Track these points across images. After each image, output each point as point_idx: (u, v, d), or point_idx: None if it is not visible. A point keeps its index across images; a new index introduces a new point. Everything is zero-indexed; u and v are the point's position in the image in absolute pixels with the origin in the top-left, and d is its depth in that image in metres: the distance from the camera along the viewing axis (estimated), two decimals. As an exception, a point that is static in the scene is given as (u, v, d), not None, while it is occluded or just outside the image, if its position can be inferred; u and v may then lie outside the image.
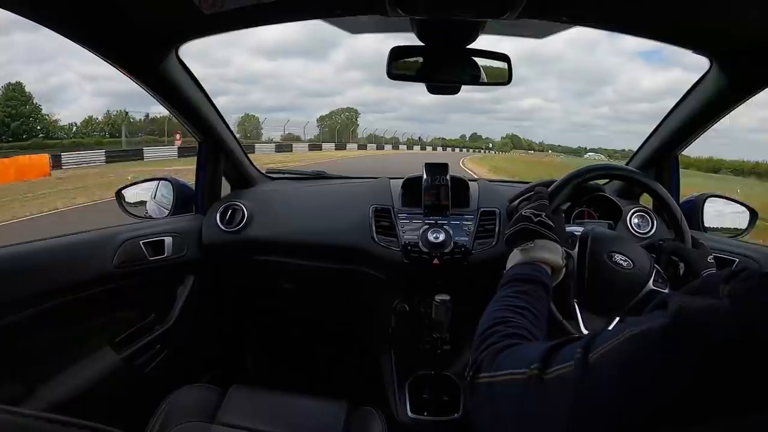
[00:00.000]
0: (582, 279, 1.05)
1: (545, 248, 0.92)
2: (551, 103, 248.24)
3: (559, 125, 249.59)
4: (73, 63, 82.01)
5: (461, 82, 1.31)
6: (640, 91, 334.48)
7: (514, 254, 0.94)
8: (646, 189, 1.19)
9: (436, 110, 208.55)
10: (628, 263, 1.04)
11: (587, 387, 0.49)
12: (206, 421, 1.17)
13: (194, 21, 1.12)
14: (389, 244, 1.56)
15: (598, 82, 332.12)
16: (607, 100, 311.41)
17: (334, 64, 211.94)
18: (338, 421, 1.22)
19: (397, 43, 1.24)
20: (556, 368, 0.53)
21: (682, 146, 1.58)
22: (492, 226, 1.57)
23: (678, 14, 1.05)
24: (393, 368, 1.70)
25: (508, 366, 0.60)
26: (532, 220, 0.95)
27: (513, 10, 1.00)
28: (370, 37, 46.99)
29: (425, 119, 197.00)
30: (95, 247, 1.33)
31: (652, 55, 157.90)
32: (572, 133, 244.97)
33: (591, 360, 0.49)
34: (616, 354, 0.48)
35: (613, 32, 1.21)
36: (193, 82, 1.43)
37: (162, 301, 1.60)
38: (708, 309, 0.43)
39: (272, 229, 1.69)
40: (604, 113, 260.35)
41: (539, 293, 0.82)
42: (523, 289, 0.82)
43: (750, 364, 0.39)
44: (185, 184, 1.77)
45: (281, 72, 44.57)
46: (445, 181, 1.61)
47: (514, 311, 0.75)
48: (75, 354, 1.30)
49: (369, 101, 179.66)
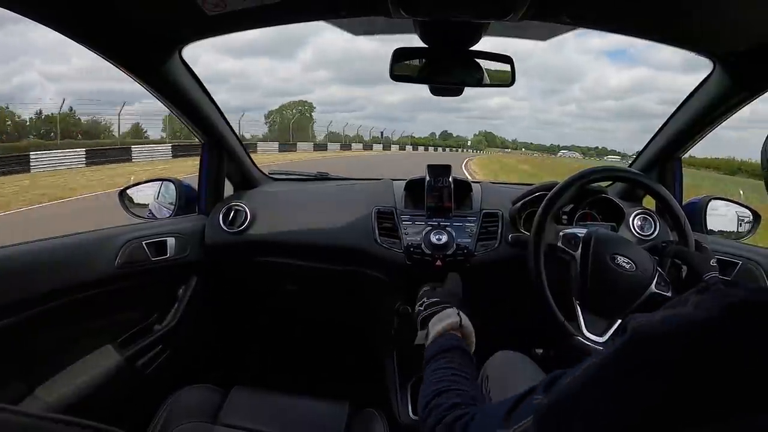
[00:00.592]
0: (584, 280, 1.05)
1: (439, 321, 1.00)
2: (519, 102, 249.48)
3: (527, 123, 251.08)
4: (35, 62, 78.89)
5: (464, 83, 1.31)
6: (607, 88, 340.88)
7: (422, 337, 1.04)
8: (648, 191, 1.19)
9: (404, 109, 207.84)
10: (631, 265, 1.04)
11: (551, 425, 0.50)
12: (208, 422, 1.17)
13: (198, 22, 1.12)
14: (392, 245, 1.56)
15: (565, 80, 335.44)
16: (575, 98, 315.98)
17: (302, 63, 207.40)
18: (340, 422, 1.22)
19: (399, 44, 1.24)
20: (519, 425, 0.54)
21: (685, 148, 1.57)
22: (494, 228, 1.57)
23: (680, 16, 1.05)
24: (395, 369, 1.70)
25: None
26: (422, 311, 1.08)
27: (516, 11, 1.00)
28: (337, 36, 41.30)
29: (394, 118, 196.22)
30: (98, 247, 1.33)
31: (618, 54, 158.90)
32: (540, 131, 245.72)
33: (553, 397, 0.50)
34: (577, 386, 0.49)
35: (610, 33, 1.21)
36: (196, 82, 1.43)
37: (164, 302, 1.60)
38: (665, 318, 0.45)
39: (275, 230, 1.69)
40: (571, 111, 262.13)
41: (463, 356, 0.88)
42: (446, 357, 0.87)
43: (711, 369, 0.40)
44: (188, 185, 1.78)
45: (248, 71, 44.03)
46: (447, 182, 1.61)
47: (449, 380, 0.79)
48: (77, 354, 1.30)
49: (337, 100, 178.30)
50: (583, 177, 1.10)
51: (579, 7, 1.05)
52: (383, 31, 1.38)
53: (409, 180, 1.72)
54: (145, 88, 1.32)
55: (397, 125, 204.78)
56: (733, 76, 1.24)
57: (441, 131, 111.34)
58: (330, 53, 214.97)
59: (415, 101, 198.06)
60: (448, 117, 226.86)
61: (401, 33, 1.30)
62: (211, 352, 1.88)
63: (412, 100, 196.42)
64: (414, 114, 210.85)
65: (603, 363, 0.47)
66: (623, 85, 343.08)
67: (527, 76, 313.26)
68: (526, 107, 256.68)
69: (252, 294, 2.00)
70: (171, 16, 1.13)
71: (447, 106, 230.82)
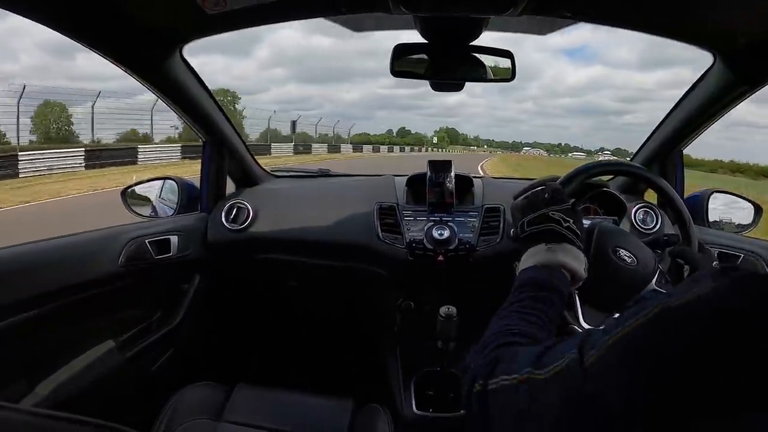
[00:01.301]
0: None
1: (571, 254, 0.84)
2: (477, 99, 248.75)
3: (484, 120, 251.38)
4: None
5: (465, 78, 1.31)
6: (564, 86, 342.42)
7: (537, 251, 0.86)
8: (650, 184, 1.19)
9: (362, 107, 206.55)
10: (633, 260, 1.04)
11: (583, 387, 0.49)
12: (212, 419, 1.18)
13: (198, 21, 1.12)
14: (394, 241, 1.56)
15: (524, 78, 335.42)
16: (532, 96, 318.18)
17: (258, 61, 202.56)
18: (344, 418, 1.23)
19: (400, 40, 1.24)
20: (547, 369, 0.53)
21: (686, 142, 1.57)
22: (496, 223, 1.58)
23: (680, 10, 1.05)
24: (398, 365, 1.71)
25: (501, 372, 0.60)
26: (561, 224, 0.86)
27: (516, 6, 1.00)
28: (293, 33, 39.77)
29: (352, 116, 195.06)
30: (101, 246, 1.33)
31: (575, 52, 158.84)
32: (497, 128, 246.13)
33: (587, 363, 0.49)
34: (614, 352, 0.48)
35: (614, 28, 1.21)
36: (197, 81, 1.43)
37: (168, 300, 1.61)
38: (693, 300, 0.44)
39: (277, 227, 1.70)
40: (527, 108, 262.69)
41: (554, 301, 0.77)
42: (538, 295, 0.77)
43: (741, 354, 0.40)
44: (190, 183, 1.78)
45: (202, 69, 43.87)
46: (449, 178, 1.61)
47: (522, 318, 0.72)
48: (81, 352, 1.30)
49: (294, 98, 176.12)
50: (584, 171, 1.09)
51: (579, 2, 1.05)
52: (383, 28, 1.38)
53: (410, 176, 1.73)
54: (146, 86, 1.32)
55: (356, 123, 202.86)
56: (733, 70, 1.23)
57: (399, 128, 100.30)
58: (287, 51, 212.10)
59: (372, 99, 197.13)
60: (403, 115, 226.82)
61: (402, 29, 1.30)
62: (214, 349, 1.89)
63: (369, 97, 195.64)
64: (371, 112, 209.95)
65: (636, 331, 0.47)
66: (580, 83, 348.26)
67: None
68: (483, 104, 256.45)
69: (255, 291, 2.00)
70: (171, 15, 1.13)
71: (404, 104, 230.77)
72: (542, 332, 0.70)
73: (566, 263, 0.83)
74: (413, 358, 1.69)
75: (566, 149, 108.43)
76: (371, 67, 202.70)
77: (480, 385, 0.61)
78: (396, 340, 1.74)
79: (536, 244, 0.87)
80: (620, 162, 1.36)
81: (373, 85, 51.69)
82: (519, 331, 0.68)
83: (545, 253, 0.84)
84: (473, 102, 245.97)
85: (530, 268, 0.83)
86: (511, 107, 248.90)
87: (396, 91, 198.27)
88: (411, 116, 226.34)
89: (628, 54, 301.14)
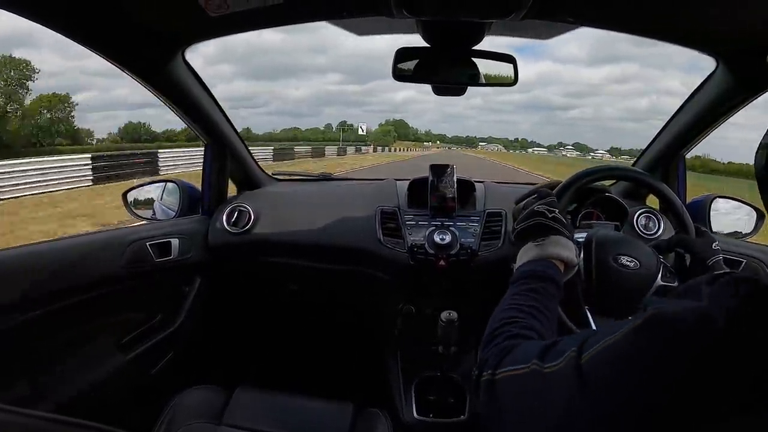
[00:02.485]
0: (590, 285, 1.05)
1: (559, 244, 0.88)
2: (425, 95, 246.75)
3: (432, 116, 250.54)
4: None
5: (466, 83, 1.31)
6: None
7: (527, 249, 0.90)
8: (651, 189, 1.19)
9: (310, 103, 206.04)
10: (635, 263, 1.04)
11: (580, 387, 0.51)
12: (213, 422, 1.17)
13: (201, 23, 1.13)
14: (395, 245, 1.56)
15: None
16: (480, 92, 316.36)
17: (203, 56, 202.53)
18: (344, 422, 1.22)
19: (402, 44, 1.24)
20: (551, 364, 0.55)
21: (689, 147, 1.57)
22: (498, 228, 1.57)
23: (683, 15, 1.05)
24: (399, 370, 1.70)
25: (509, 363, 0.62)
26: (546, 215, 0.91)
27: (518, 11, 1.00)
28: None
29: (299, 113, 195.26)
30: (102, 248, 1.33)
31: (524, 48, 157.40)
32: (445, 124, 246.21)
33: (583, 360, 0.52)
34: (605, 355, 0.50)
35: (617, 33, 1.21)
36: (200, 84, 1.44)
37: (169, 303, 1.61)
38: (684, 311, 0.46)
39: (278, 230, 1.70)
40: (476, 104, 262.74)
41: (550, 291, 0.81)
42: (534, 287, 0.80)
43: (731, 363, 0.41)
44: (192, 186, 1.78)
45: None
46: (451, 182, 1.61)
47: (523, 311, 0.75)
48: (82, 355, 1.30)
49: (241, 95, 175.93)
50: (585, 176, 1.09)
51: (581, 7, 1.05)
52: (385, 31, 1.38)
53: (412, 180, 1.73)
54: (149, 89, 1.33)
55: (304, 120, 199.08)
56: (735, 75, 1.24)
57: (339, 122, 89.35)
58: (233, 46, 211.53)
59: (320, 96, 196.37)
60: (351, 111, 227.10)
61: (404, 33, 1.30)
62: (214, 352, 1.89)
63: (317, 94, 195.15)
64: (319, 108, 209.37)
65: (627, 336, 0.49)
66: (529, 79, 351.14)
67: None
68: (431, 101, 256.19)
69: (256, 294, 2.00)
70: (174, 18, 1.13)
71: (351, 100, 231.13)
72: (544, 324, 0.73)
73: (556, 254, 0.87)
74: (414, 363, 1.68)
75: (525, 144, 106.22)
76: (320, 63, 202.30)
77: (489, 374, 0.64)
78: (397, 344, 1.73)
79: (526, 242, 0.92)
80: (621, 167, 1.35)
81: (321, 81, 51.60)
82: (526, 325, 0.71)
83: (534, 249, 0.89)
84: (422, 98, 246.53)
85: (523, 264, 0.88)
86: (460, 103, 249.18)
87: (345, 88, 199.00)
88: (359, 112, 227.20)
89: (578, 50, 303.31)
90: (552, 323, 0.76)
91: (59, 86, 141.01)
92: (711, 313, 0.43)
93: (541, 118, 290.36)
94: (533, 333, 0.69)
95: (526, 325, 0.71)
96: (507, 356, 0.63)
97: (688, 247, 1.06)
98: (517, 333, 0.69)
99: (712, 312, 0.43)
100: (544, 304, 0.77)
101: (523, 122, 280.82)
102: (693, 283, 0.49)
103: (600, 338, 0.52)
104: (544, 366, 0.56)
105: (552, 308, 0.79)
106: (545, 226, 0.91)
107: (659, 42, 1.19)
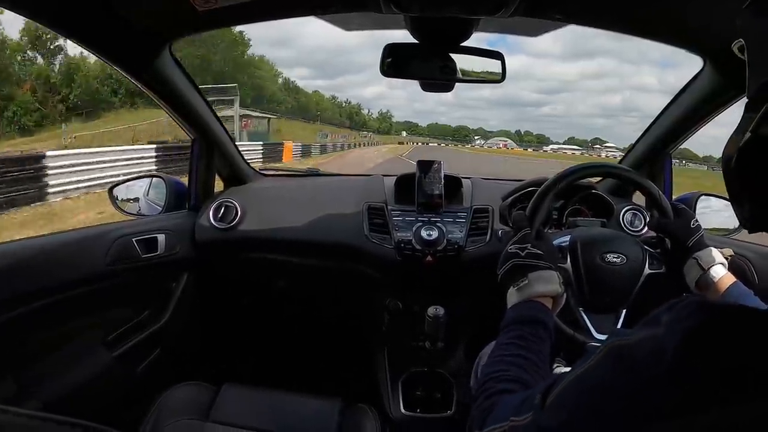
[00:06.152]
0: (581, 286, 1.06)
1: (540, 280, 0.88)
2: (395, 91, 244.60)
3: (403, 113, 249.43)
4: None
5: (454, 79, 1.31)
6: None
7: (510, 294, 0.90)
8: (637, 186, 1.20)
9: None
10: (621, 258, 1.06)
11: (543, 428, 0.54)
12: (200, 419, 1.17)
13: (188, 18, 1.11)
14: (382, 241, 1.56)
15: None
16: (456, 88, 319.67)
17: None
18: (332, 418, 1.23)
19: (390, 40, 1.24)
20: (522, 417, 0.57)
21: (675, 145, 1.58)
22: (485, 224, 1.58)
23: (670, 13, 1.05)
24: (386, 365, 1.71)
25: (491, 422, 0.63)
26: (519, 255, 0.91)
27: (507, 8, 1.00)
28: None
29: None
30: (87, 244, 1.32)
31: (496, 42, 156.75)
32: (416, 119, 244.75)
33: (547, 403, 0.54)
34: (569, 390, 0.53)
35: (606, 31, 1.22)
36: (186, 78, 1.42)
37: (155, 299, 1.59)
38: (641, 340, 0.47)
39: (265, 226, 1.69)
40: (447, 100, 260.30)
41: (539, 335, 0.80)
42: (521, 333, 0.80)
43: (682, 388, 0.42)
44: (178, 181, 1.76)
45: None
46: (438, 178, 1.61)
47: (507, 361, 0.75)
48: (68, 352, 1.29)
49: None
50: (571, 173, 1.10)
51: (569, 4, 1.05)
52: (374, 27, 1.38)
53: (399, 176, 1.72)
54: (135, 83, 1.31)
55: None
56: (722, 74, 1.25)
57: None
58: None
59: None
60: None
61: (392, 29, 1.30)
62: (202, 349, 1.88)
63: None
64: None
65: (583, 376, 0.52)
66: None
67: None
68: (402, 96, 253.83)
69: (243, 291, 2.00)
70: (162, 12, 1.12)
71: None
72: (532, 373, 0.73)
73: (538, 293, 0.87)
74: (401, 359, 1.69)
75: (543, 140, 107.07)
76: (286, 56, 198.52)
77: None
78: (384, 340, 1.74)
79: (508, 287, 0.91)
80: (607, 164, 1.36)
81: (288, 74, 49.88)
82: (510, 377, 0.72)
83: (517, 294, 0.89)
84: (392, 94, 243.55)
85: (510, 309, 0.88)
86: (430, 99, 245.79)
87: (313, 82, 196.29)
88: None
89: (553, 44, 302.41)
90: (542, 366, 0.76)
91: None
92: (663, 342, 0.45)
93: (514, 114, 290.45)
94: (517, 385, 0.70)
95: (511, 377, 0.71)
96: (489, 416, 0.65)
97: (667, 231, 1.08)
98: (502, 389, 0.70)
99: (664, 340, 0.45)
100: (532, 349, 0.77)
101: (493, 118, 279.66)
102: (656, 312, 0.50)
103: (567, 376, 0.54)
104: (518, 419, 0.58)
105: (540, 350, 0.78)
106: (521, 266, 0.90)
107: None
